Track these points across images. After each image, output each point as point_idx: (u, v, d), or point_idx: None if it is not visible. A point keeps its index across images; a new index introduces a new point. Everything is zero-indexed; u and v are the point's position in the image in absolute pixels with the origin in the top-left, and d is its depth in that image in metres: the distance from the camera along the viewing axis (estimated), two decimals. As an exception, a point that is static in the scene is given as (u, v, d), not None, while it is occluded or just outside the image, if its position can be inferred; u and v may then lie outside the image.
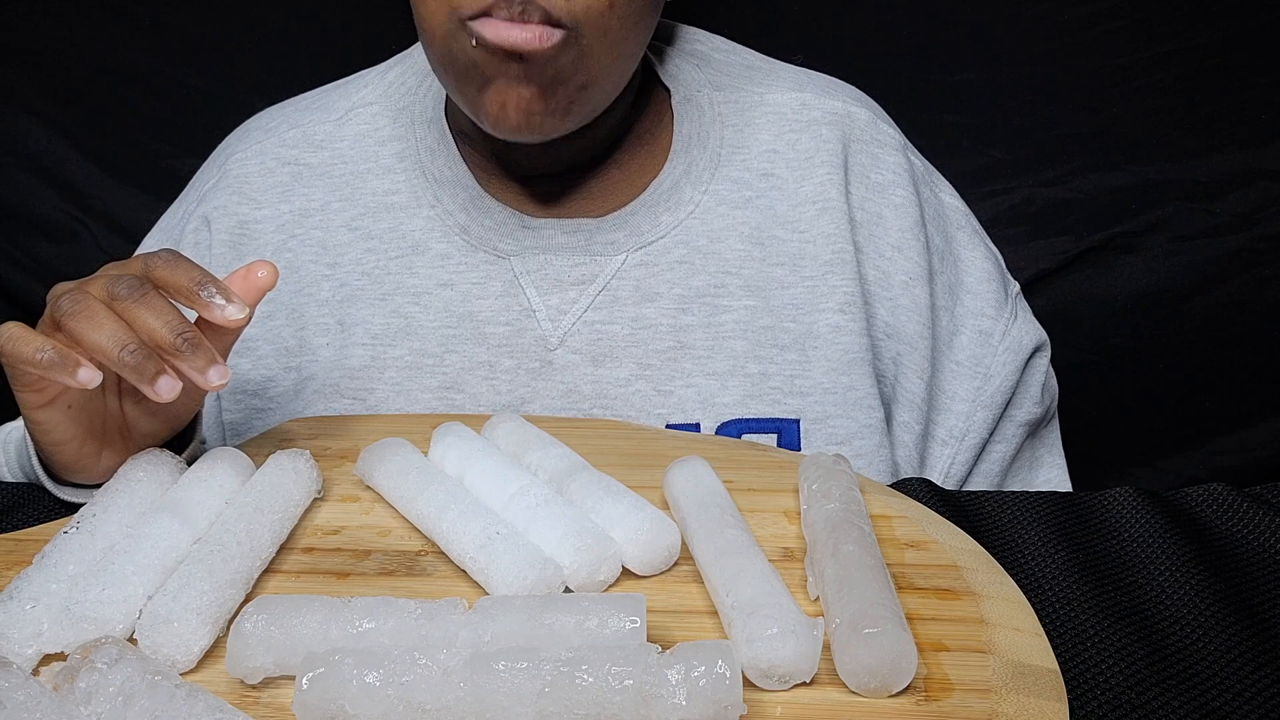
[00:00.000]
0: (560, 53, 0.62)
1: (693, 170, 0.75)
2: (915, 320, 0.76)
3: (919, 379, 0.77)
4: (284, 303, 0.77)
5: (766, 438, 0.73)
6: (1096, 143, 0.98)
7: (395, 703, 0.42)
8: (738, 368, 0.73)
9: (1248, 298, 0.99)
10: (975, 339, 0.78)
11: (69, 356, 0.53)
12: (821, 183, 0.76)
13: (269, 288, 0.58)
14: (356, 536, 0.57)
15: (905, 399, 0.77)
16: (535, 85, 0.64)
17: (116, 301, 0.54)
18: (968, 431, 0.78)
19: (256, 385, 0.78)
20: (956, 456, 0.79)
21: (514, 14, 0.61)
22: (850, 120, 0.78)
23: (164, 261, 0.56)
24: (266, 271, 0.58)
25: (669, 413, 0.73)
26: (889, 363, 0.77)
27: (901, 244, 0.76)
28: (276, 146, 0.79)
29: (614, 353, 0.73)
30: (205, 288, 0.55)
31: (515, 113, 0.65)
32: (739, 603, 0.48)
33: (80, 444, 0.60)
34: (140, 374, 0.53)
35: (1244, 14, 0.95)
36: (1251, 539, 0.60)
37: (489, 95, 0.64)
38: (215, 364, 0.54)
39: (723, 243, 0.75)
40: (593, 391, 0.73)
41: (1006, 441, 0.80)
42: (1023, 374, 0.79)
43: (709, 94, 0.78)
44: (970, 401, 0.78)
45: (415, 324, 0.75)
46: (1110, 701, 0.48)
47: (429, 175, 0.76)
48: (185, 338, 0.53)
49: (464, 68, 0.64)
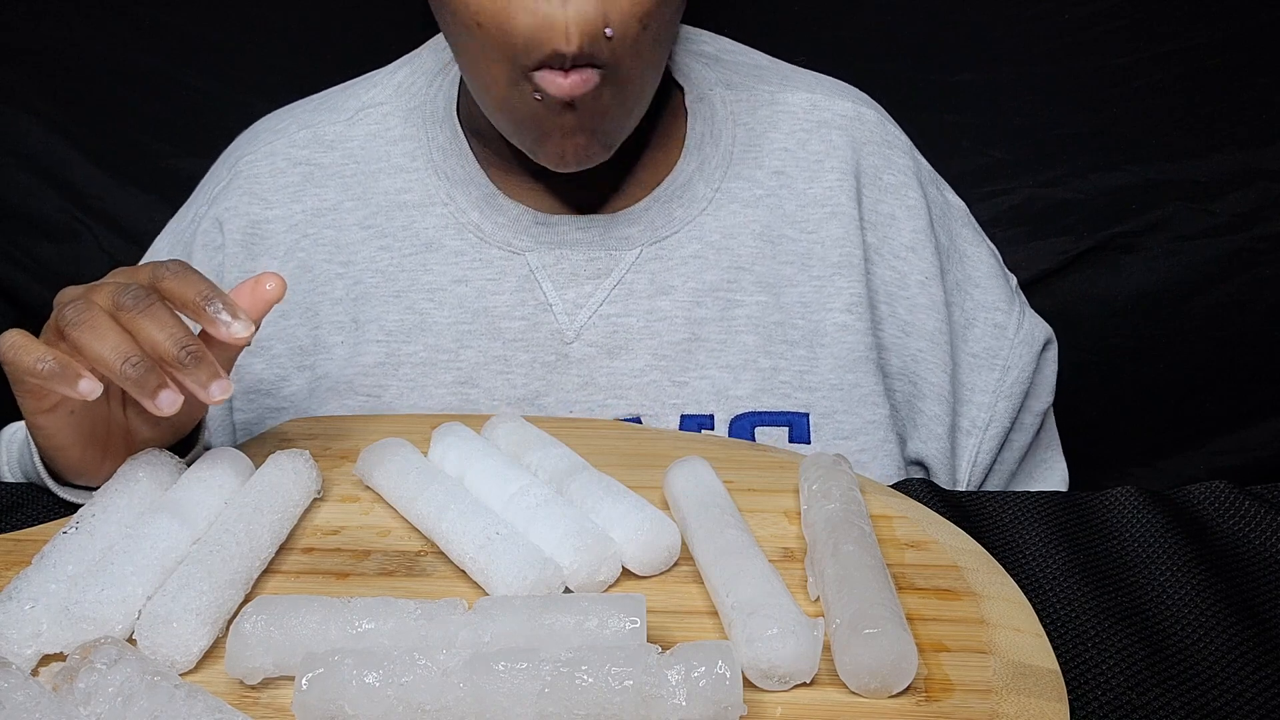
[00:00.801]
0: (602, 92, 0.64)
1: (705, 167, 0.76)
2: (934, 317, 0.78)
3: (943, 373, 0.78)
4: (298, 302, 0.77)
5: (778, 430, 0.74)
6: (1096, 143, 0.98)
7: (395, 703, 0.42)
8: (750, 361, 0.74)
9: (1248, 298, 0.99)
10: (990, 332, 0.80)
11: (70, 367, 0.53)
12: (831, 187, 0.77)
13: (277, 300, 0.58)
14: (356, 537, 0.57)
15: (932, 393, 0.79)
16: (588, 132, 0.66)
17: (122, 312, 0.54)
18: (991, 421, 0.80)
19: (270, 385, 0.78)
20: (981, 445, 0.80)
21: (566, 66, 0.62)
22: (860, 122, 0.79)
23: (172, 273, 0.56)
24: (275, 284, 0.58)
25: (684, 404, 0.74)
26: (910, 359, 0.78)
27: (915, 244, 0.78)
28: (287, 147, 0.79)
29: (630, 345, 0.74)
30: (212, 303, 0.55)
31: (573, 159, 0.67)
32: (739, 603, 0.48)
33: (82, 449, 0.60)
34: (141, 387, 0.53)
35: (1244, 14, 0.95)
36: (1253, 538, 0.60)
37: (548, 146, 0.67)
38: (218, 379, 0.54)
39: (735, 239, 0.76)
40: (608, 383, 0.74)
41: (1025, 431, 0.83)
42: (1037, 366, 0.81)
43: (721, 93, 0.79)
44: (992, 393, 0.80)
45: (430, 320, 0.75)
46: (1110, 701, 0.48)
47: (441, 174, 0.77)
48: (189, 351, 0.53)
49: (523, 118, 0.66)
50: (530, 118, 0.65)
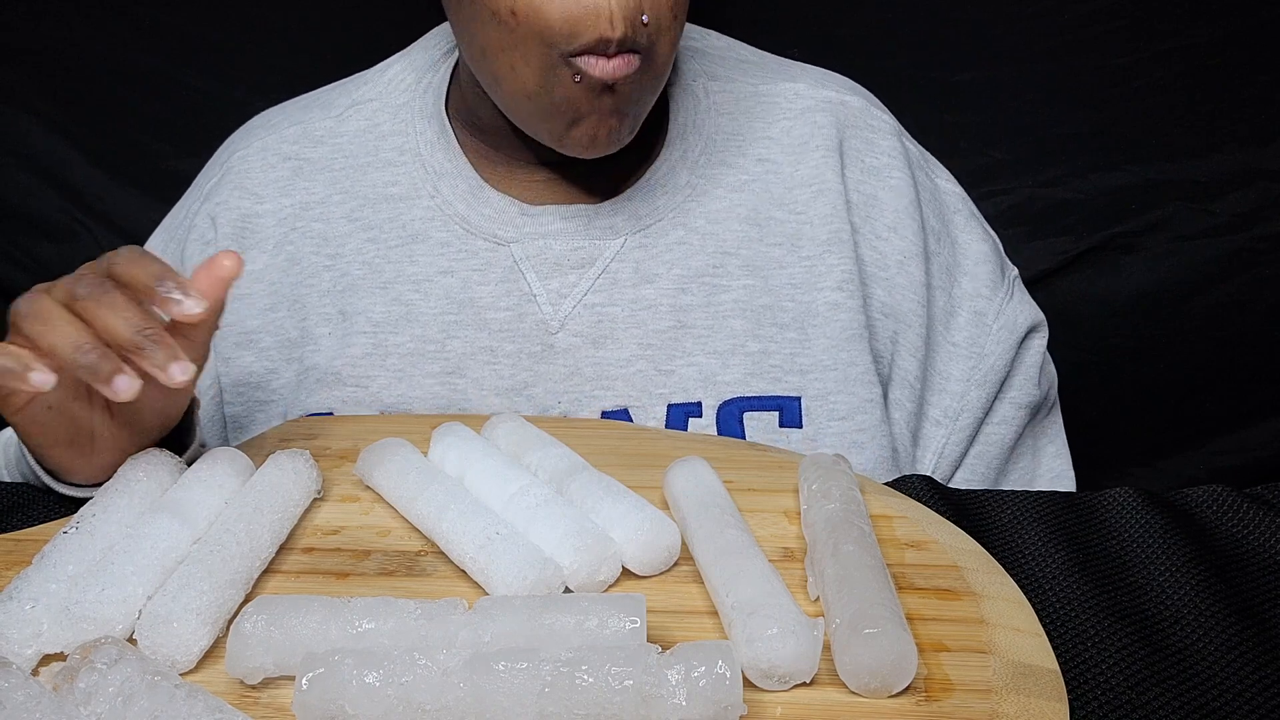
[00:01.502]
0: (640, 76, 0.65)
1: (689, 156, 0.77)
2: (911, 299, 0.78)
3: (913, 358, 0.78)
4: (286, 295, 0.78)
5: (768, 415, 0.74)
6: (1096, 143, 0.98)
7: (395, 703, 0.42)
8: (738, 346, 0.74)
9: (1248, 298, 0.99)
10: (971, 320, 0.79)
11: (20, 360, 0.53)
12: (817, 166, 0.77)
13: (234, 278, 0.58)
14: (356, 536, 0.57)
15: (899, 378, 0.78)
16: (620, 114, 0.67)
17: (76, 301, 0.54)
18: (961, 411, 0.79)
19: (259, 377, 0.78)
20: (950, 437, 0.80)
21: (611, 51, 0.63)
22: (845, 107, 0.79)
23: (125, 258, 0.56)
24: (232, 262, 0.57)
25: (670, 392, 0.74)
26: (886, 341, 0.78)
27: (897, 224, 0.78)
28: (278, 142, 0.80)
29: (615, 334, 0.74)
30: (163, 283, 0.54)
31: (605, 141, 0.68)
32: (739, 603, 0.48)
33: (66, 446, 0.60)
34: (95, 374, 0.53)
35: (1244, 12, 0.95)
36: (1252, 539, 0.60)
37: (580, 129, 0.67)
38: (176, 360, 0.53)
39: (720, 224, 0.76)
40: (594, 373, 0.74)
41: (1006, 424, 0.81)
42: (1018, 353, 0.80)
43: (705, 84, 0.79)
44: (964, 381, 0.79)
45: (416, 311, 0.76)
46: (1110, 701, 0.48)
47: (428, 168, 0.77)
48: (145, 334, 0.53)
49: (559, 104, 0.66)
50: (567, 101, 0.66)
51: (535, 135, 0.70)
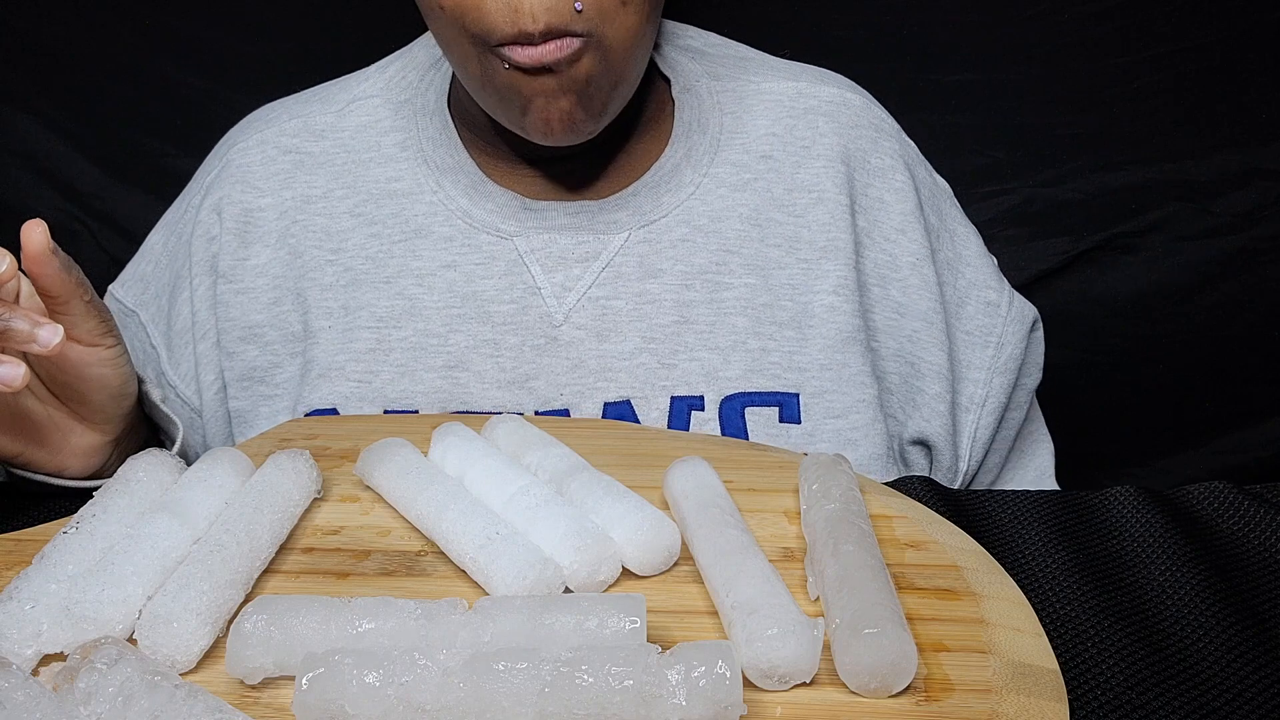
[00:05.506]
0: (583, 58, 0.65)
1: (693, 154, 0.77)
2: (926, 297, 0.79)
3: (940, 351, 0.79)
4: (289, 289, 0.78)
5: (769, 410, 0.75)
6: (1096, 143, 0.98)
7: (395, 703, 0.42)
8: (739, 343, 0.75)
9: (1248, 298, 0.99)
10: (982, 309, 0.81)
11: None
12: (817, 173, 0.78)
13: (45, 242, 0.59)
14: (356, 536, 0.57)
15: (931, 372, 0.79)
16: (571, 95, 0.67)
17: None
18: (988, 398, 0.81)
19: (263, 371, 0.79)
20: (980, 421, 0.81)
21: (536, 43, 0.64)
22: (846, 107, 0.80)
23: None
24: (40, 230, 0.59)
25: (673, 385, 0.74)
26: (905, 340, 0.79)
27: (905, 226, 0.79)
28: (278, 136, 0.81)
29: (619, 327, 0.75)
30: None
31: (560, 125, 0.68)
32: (739, 603, 0.48)
33: (20, 448, 0.64)
34: None
35: (1243, 14, 0.95)
36: (1253, 538, 0.60)
37: (532, 115, 0.68)
38: (39, 327, 0.57)
39: (723, 222, 0.77)
40: (598, 366, 0.75)
41: (1019, 408, 0.84)
42: (1027, 344, 0.83)
43: (707, 83, 0.80)
44: (987, 369, 0.81)
45: (419, 305, 0.76)
46: (1110, 701, 0.48)
47: (431, 164, 0.78)
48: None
49: (502, 90, 0.67)
50: (509, 87, 0.66)
51: (505, 125, 0.71)
